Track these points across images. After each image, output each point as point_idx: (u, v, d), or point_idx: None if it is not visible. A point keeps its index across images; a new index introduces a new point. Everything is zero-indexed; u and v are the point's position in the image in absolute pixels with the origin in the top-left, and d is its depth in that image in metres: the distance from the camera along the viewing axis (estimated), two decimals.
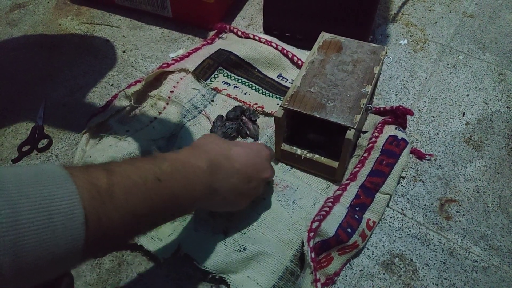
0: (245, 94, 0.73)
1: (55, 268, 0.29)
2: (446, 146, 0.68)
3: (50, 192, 0.28)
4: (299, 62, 0.76)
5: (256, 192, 0.53)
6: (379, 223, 0.59)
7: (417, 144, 0.68)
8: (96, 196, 0.31)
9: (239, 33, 0.80)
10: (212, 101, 0.72)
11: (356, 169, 0.61)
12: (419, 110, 0.73)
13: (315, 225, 0.53)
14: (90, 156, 0.62)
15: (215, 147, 0.48)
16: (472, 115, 0.72)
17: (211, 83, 0.73)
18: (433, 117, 0.72)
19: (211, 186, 0.45)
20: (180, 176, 0.40)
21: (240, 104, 0.71)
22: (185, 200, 0.42)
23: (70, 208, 0.29)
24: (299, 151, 0.62)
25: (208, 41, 0.82)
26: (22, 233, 0.26)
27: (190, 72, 0.72)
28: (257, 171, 0.51)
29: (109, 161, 0.36)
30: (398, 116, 0.65)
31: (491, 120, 0.71)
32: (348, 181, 0.60)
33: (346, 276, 0.54)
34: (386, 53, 0.63)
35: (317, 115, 0.56)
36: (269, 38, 0.78)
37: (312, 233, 0.52)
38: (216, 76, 0.74)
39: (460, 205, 0.61)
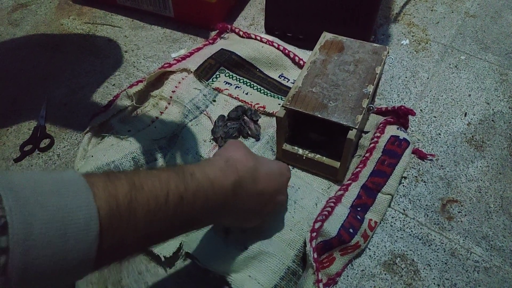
0: (246, 94, 0.73)
1: (64, 278, 0.29)
2: (448, 146, 0.67)
3: (68, 202, 0.28)
4: (301, 62, 0.76)
5: (268, 213, 0.52)
6: (380, 223, 0.59)
7: (418, 144, 0.68)
8: (115, 210, 0.31)
9: (241, 33, 0.81)
10: (214, 101, 0.72)
11: (358, 169, 0.61)
12: (420, 110, 0.73)
13: (317, 225, 0.53)
14: (92, 156, 0.62)
15: (245, 164, 0.45)
16: (474, 115, 0.72)
17: (212, 83, 0.73)
18: (435, 117, 0.71)
19: (229, 207, 0.44)
20: (202, 195, 0.39)
21: (242, 104, 0.71)
22: (200, 220, 0.42)
23: (85, 220, 0.28)
24: (300, 151, 0.62)
25: (210, 41, 0.82)
26: (33, 245, 0.26)
27: (191, 72, 0.73)
28: (275, 195, 0.50)
29: (134, 171, 0.35)
30: (400, 116, 0.65)
31: (493, 120, 0.71)
32: (349, 181, 0.60)
33: (348, 276, 0.54)
34: (388, 53, 0.63)
35: (319, 115, 0.56)
36: (270, 38, 0.78)
37: (315, 233, 0.52)
38: (217, 76, 0.75)
39: (462, 206, 0.61)
